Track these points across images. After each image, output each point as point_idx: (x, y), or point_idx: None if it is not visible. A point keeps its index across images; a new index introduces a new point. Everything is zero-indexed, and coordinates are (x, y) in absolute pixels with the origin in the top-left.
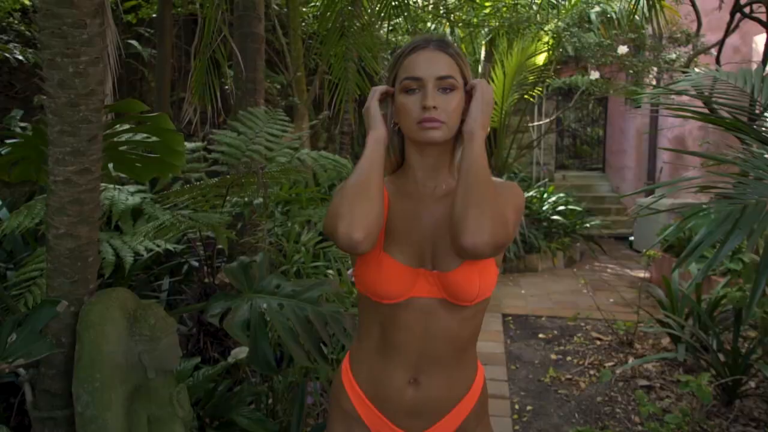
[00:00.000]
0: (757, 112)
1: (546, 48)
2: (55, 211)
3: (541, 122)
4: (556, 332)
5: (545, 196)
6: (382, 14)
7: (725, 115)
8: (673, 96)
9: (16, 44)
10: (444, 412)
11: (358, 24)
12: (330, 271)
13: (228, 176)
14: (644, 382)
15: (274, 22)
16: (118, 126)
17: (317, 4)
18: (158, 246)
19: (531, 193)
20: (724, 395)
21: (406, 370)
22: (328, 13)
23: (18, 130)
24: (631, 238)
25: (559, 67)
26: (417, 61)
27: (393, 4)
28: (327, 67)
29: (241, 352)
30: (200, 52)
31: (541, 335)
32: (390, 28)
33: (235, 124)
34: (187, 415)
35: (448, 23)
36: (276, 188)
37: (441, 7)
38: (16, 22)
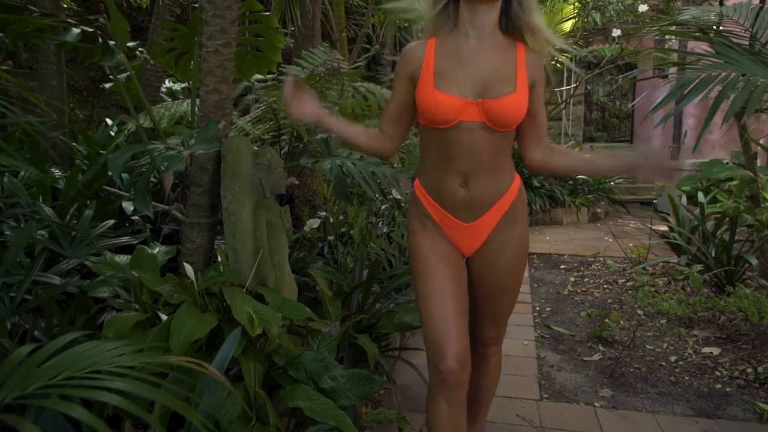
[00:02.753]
0: (757, 46)
1: (574, 13)
2: (207, 73)
3: (568, 87)
4: (575, 264)
5: None
6: None
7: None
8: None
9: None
10: (487, 206)
11: None
12: None
13: (313, 74)
14: (651, 288)
15: None
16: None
17: None
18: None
19: None
20: (719, 292)
21: (457, 176)
22: None
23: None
24: (655, 201)
25: (585, 34)
26: None
27: None
28: (365, 35)
29: (314, 223)
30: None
31: (562, 266)
32: None
33: (299, 60)
34: (289, 228)
35: None
36: (340, 97)
37: None
38: None
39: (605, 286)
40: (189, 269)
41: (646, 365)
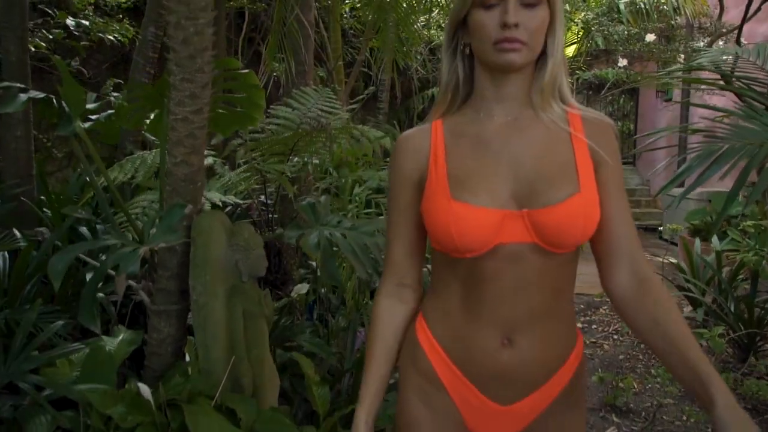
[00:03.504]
0: None
1: (576, 39)
2: (175, 143)
3: None
4: (582, 306)
5: None
6: (418, 6)
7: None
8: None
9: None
10: (540, 380)
11: (392, 18)
12: (381, 217)
13: (299, 131)
14: None
15: (316, 15)
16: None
17: None
18: (232, 200)
19: None
20: (740, 352)
21: (497, 329)
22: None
23: (111, 98)
24: (661, 228)
25: (589, 59)
26: None
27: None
28: (363, 60)
29: (302, 288)
30: (270, 39)
31: None
32: (422, 23)
33: (290, 101)
34: (270, 314)
35: None
36: (329, 153)
37: None
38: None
39: (615, 336)
40: (144, 389)
41: None
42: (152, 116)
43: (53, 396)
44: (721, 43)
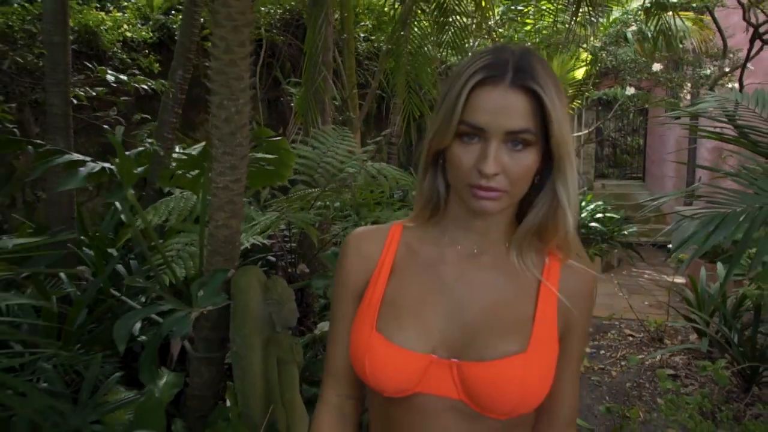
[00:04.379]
0: None
1: (584, 64)
2: (216, 209)
3: (579, 133)
4: (591, 330)
5: (583, 204)
6: (431, 36)
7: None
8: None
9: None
10: None
11: (408, 48)
12: None
13: (324, 189)
14: (670, 371)
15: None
16: None
17: (369, 24)
18: (259, 240)
19: None
20: (743, 383)
21: None
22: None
23: (147, 145)
24: (669, 246)
25: (597, 81)
26: (483, 101)
27: (440, 20)
28: (378, 85)
29: (325, 326)
30: (304, 81)
31: None
32: (436, 43)
33: (310, 140)
34: (301, 361)
35: (490, 40)
36: (349, 195)
37: (483, 26)
38: (118, 51)
39: (623, 363)
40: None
41: None
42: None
43: None
44: (730, 85)
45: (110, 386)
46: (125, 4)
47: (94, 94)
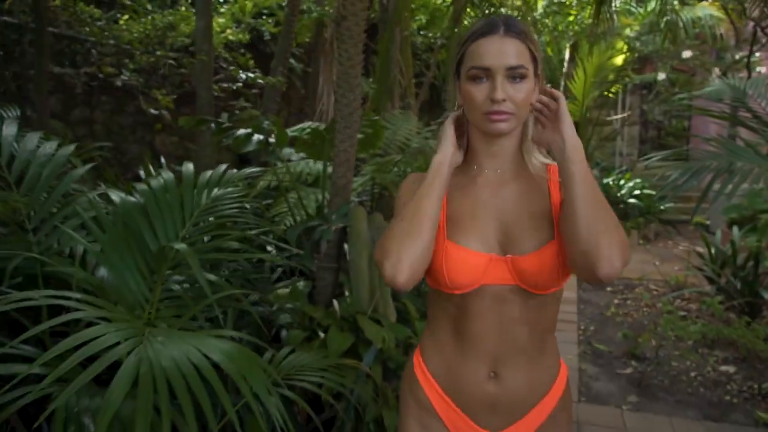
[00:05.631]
0: None
1: (620, 53)
2: (338, 165)
3: (618, 116)
4: (621, 287)
5: (622, 182)
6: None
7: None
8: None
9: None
10: (525, 409)
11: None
12: None
13: (405, 154)
14: (683, 313)
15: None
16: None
17: (423, 19)
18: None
19: (609, 180)
20: (742, 314)
21: (484, 363)
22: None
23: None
24: (708, 222)
25: (636, 66)
26: (485, 49)
27: (488, 14)
28: (432, 75)
29: None
30: (377, 75)
31: (609, 288)
32: None
33: (383, 122)
34: None
35: (534, 29)
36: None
37: (529, 18)
38: (223, 52)
39: (644, 309)
40: (336, 304)
41: (669, 379)
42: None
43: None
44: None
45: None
46: (222, 10)
47: (234, 88)
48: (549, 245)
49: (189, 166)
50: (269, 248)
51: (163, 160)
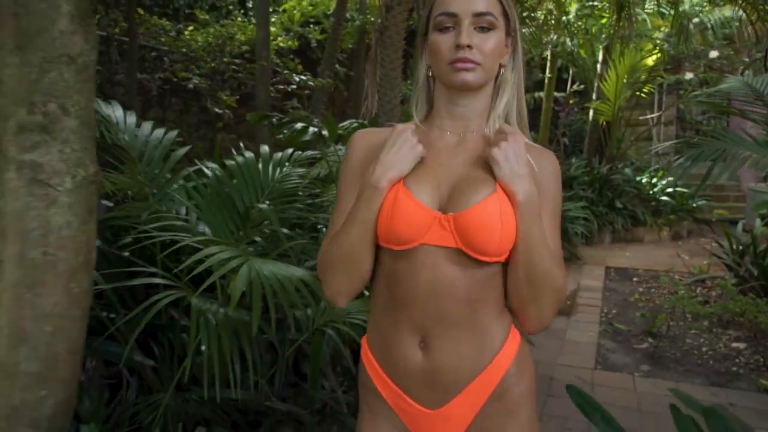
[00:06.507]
0: None
1: (648, 54)
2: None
3: (652, 115)
4: (647, 278)
5: (654, 180)
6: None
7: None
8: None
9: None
10: (460, 384)
11: None
12: None
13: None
14: (702, 299)
15: None
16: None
17: None
18: None
19: (642, 178)
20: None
21: (412, 331)
22: None
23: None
24: (743, 220)
25: (669, 67)
26: None
27: (522, 17)
28: None
29: None
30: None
31: (635, 279)
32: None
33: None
34: None
35: (567, 32)
36: None
37: (563, 20)
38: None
39: (667, 295)
40: None
41: (682, 353)
42: None
43: None
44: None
45: None
46: (273, 19)
47: (289, 89)
48: (490, 197)
49: (265, 148)
50: (319, 226)
51: (237, 149)
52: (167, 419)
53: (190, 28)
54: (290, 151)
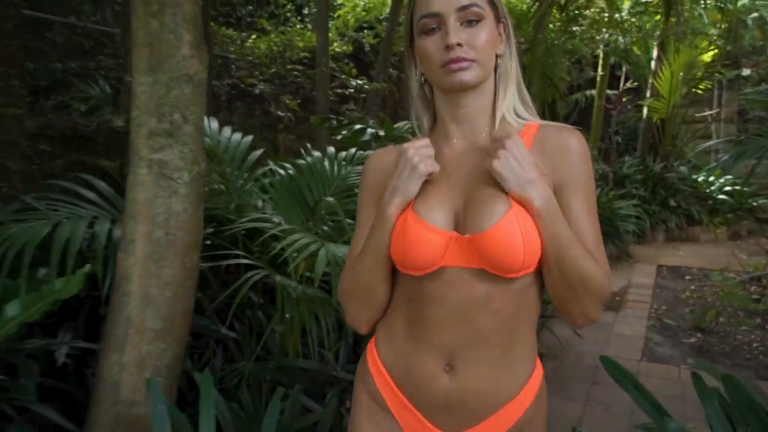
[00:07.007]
0: None
1: (705, 51)
2: None
3: (710, 112)
4: (700, 277)
5: (711, 179)
6: (563, 34)
7: None
8: None
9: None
10: (487, 412)
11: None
12: None
13: None
14: (756, 296)
15: None
16: None
17: None
18: None
19: (699, 177)
20: None
21: (439, 354)
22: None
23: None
24: None
25: (727, 62)
26: None
27: (573, 15)
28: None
29: None
30: None
31: (688, 277)
32: (569, 35)
33: None
34: None
35: (620, 30)
36: None
37: (617, 17)
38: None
39: (720, 293)
40: None
41: (731, 347)
42: None
43: None
44: None
45: None
46: (328, 25)
47: (346, 93)
48: (508, 214)
49: (331, 149)
50: None
51: (297, 149)
52: (249, 383)
53: (253, 36)
54: (353, 150)
